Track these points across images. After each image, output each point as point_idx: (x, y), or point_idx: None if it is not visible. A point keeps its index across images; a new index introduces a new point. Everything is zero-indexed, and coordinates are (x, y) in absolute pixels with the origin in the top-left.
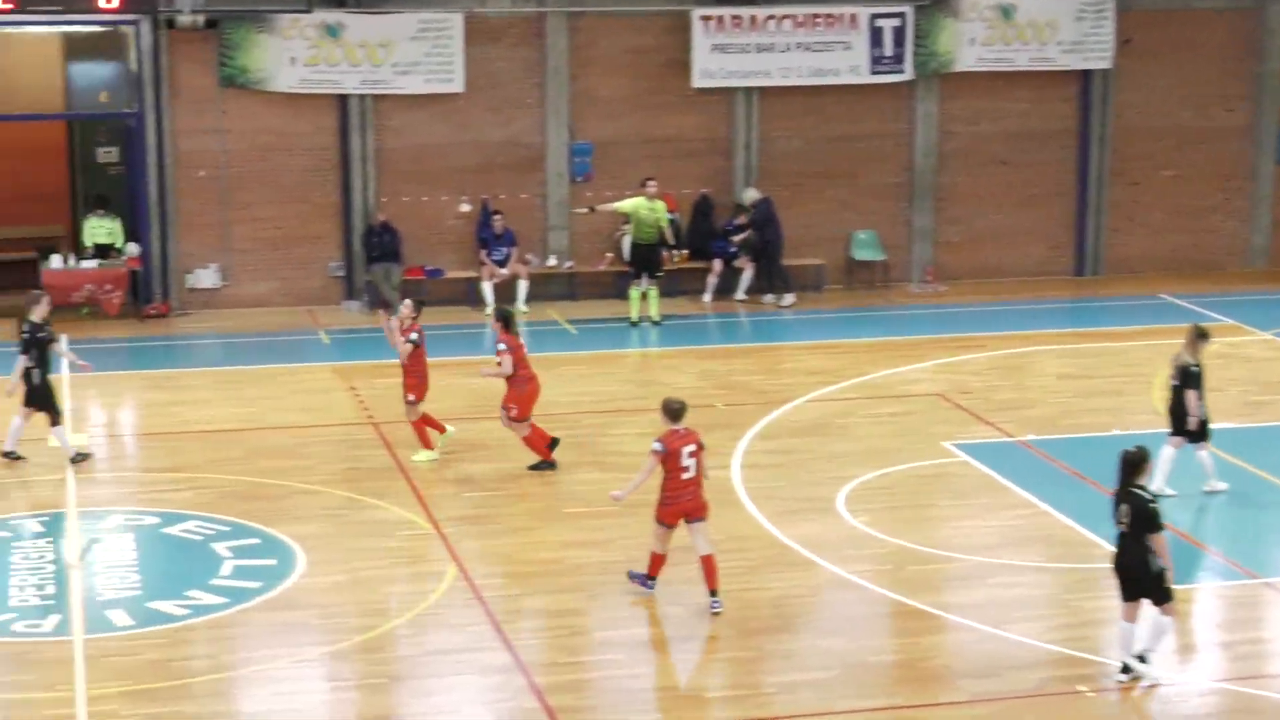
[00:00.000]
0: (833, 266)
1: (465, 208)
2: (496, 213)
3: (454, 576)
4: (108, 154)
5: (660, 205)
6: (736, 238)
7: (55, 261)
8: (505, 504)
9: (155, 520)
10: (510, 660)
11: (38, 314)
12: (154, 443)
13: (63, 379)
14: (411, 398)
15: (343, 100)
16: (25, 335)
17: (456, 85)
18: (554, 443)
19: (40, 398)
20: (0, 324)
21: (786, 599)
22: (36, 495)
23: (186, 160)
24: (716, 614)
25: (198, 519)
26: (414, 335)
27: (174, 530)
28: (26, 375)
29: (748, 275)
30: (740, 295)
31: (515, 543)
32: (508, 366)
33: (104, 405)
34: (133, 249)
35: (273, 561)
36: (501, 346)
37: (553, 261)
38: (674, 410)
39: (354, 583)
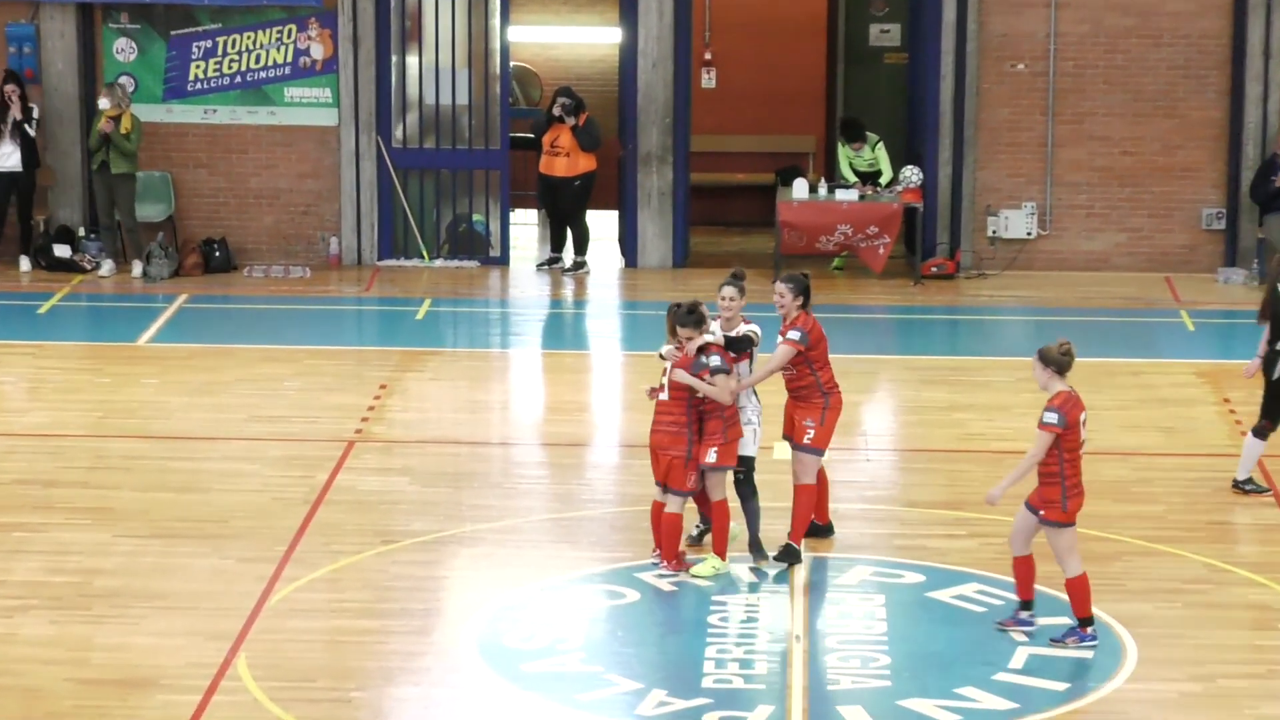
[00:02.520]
0: None
1: None
2: None
3: None
4: (884, 34)
5: None
6: None
7: (799, 189)
8: None
9: (919, 579)
10: None
11: None
12: (924, 463)
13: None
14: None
15: None
16: None
17: None
18: (826, 529)
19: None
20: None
21: None
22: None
23: (998, 47)
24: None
25: (981, 581)
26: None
27: (945, 595)
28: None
29: None
30: None
31: None
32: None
33: (856, 403)
34: (912, 175)
35: (1087, 654)
36: (794, 335)
37: None
38: (1060, 359)
39: (1207, 696)
